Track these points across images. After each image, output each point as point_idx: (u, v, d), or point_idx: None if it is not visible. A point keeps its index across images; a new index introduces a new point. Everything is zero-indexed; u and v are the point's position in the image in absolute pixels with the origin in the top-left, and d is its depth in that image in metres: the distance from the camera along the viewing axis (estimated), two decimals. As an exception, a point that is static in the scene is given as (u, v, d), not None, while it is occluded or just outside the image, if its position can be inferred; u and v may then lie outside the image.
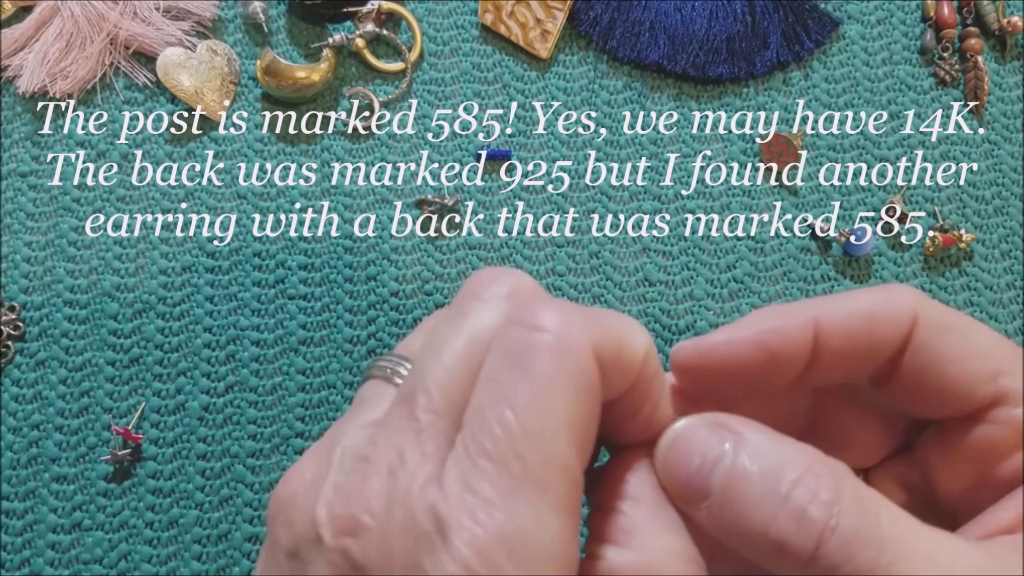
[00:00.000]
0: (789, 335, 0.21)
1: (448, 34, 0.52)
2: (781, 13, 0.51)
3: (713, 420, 0.21)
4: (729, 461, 0.19)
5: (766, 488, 0.19)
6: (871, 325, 0.22)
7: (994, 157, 0.51)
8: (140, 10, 0.51)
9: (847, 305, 0.22)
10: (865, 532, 0.18)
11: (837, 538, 0.18)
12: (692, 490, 0.20)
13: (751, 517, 0.19)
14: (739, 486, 0.19)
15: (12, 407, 0.46)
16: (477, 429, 0.18)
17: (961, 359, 0.22)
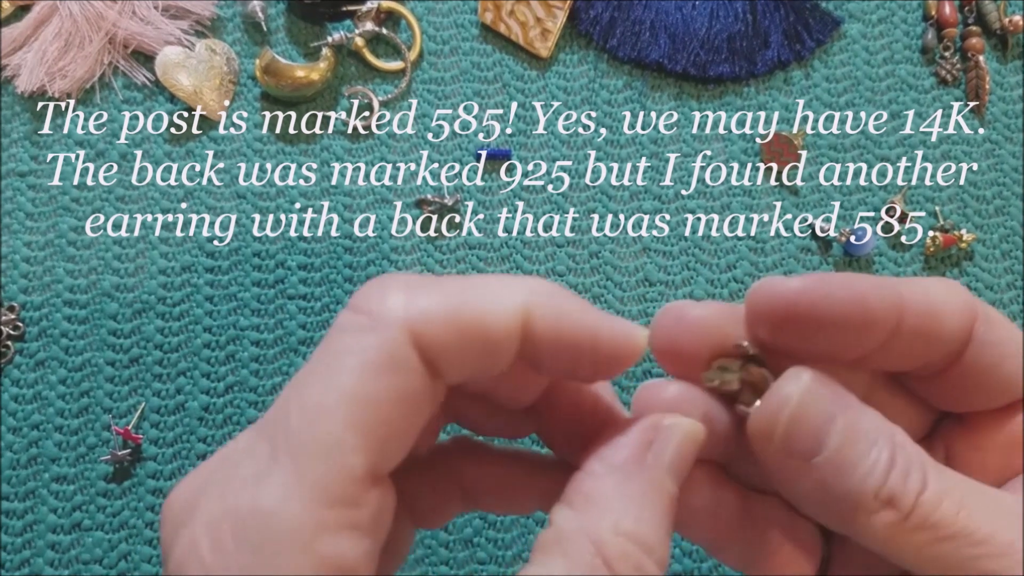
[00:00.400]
0: (885, 301, 0.21)
1: (448, 33, 0.52)
2: (782, 12, 0.51)
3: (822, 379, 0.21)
4: (843, 424, 0.20)
5: (875, 453, 0.20)
6: (946, 311, 0.22)
7: (995, 157, 0.51)
8: (139, 9, 0.50)
9: (925, 288, 0.22)
10: (947, 485, 0.20)
11: (928, 495, 0.20)
12: (807, 448, 0.21)
13: (865, 476, 0.20)
14: (853, 449, 0.20)
15: (12, 407, 0.46)
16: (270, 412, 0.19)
17: (1012, 354, 0.22)
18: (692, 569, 0.44)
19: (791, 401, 0.21)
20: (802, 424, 0.21)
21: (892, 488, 0.20)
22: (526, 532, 0.44)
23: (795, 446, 0.21)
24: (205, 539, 0.18)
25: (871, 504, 0.20)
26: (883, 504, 0.20)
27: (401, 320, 0.19)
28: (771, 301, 0.21)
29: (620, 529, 0.19)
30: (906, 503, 0.20)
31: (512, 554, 0.44)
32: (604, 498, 0.20)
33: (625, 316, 0.48)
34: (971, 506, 0.20)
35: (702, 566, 0.44)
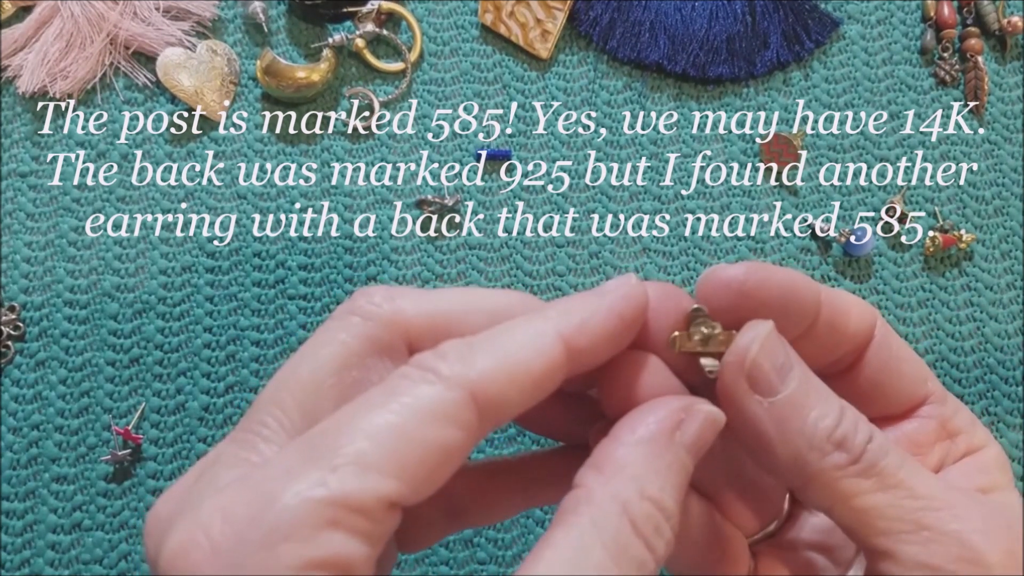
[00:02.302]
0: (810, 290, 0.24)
1: (448, 34, 0.52)
2: (781, 13, 0.51)
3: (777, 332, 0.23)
4: (801, 374, 0.23)
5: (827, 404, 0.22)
6: (852, 310, 0.25)
7: (994, 157, 0.51)
8: (140, 10, 0.51)
9: (834, 291, 0.25)
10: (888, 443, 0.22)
11: (875, 444, 0.22)
12: (769, 384, 0.22)
13: (818, 419, 0.22)
14: (809, 397, 0.22)
15: (12, 407, 0.46)
16: None
17: (909, 358, 0.26)
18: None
19: (759, 337, 0.23)
20: (767, 360, 0.22)
21: (844, 431, 0.22)
22: (526, 532, 0.44)
23: (760, 380, 0.22)
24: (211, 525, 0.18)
25: (824, 445, 0.22)
26: (835, 445, 0.22)
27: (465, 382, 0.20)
28: (717, 284, 0.23)
29: (646, 494, 0.20)
30: (856, 446, 0.22)
31: (512, 554, 0.44)
32: (633, 465, 0.21)
33: (625, 316, 0.48)
34: (911, 465, 0.22)
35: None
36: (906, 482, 0.22)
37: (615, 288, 0.22)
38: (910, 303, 0.49)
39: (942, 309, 0.48)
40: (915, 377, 0.26)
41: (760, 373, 0.22)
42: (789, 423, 0.22)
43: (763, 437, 0.23)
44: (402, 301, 0.22)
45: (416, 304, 0.23)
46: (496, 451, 0.45)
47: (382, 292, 0.23)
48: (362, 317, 0.22)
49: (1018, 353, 0.48)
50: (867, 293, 0.49)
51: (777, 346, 0.23)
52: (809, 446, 0.22)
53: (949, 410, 0.26)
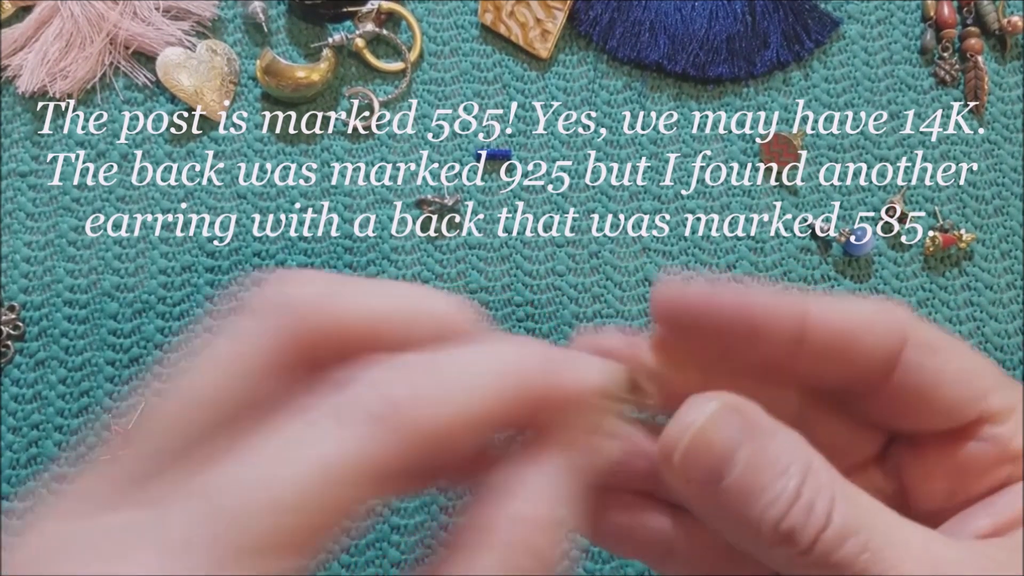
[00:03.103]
0: (777, 310, 0.21)
1: (448, 34, 0.52)
2: (781, 13, 0.51)
3: (733, 404, 0.21)
4: (748, 453, 0.20)
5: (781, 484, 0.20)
6: (860, 333, 0.22)
7: (994, 157, 0.51)
8: (140, 10, 0.51)
9: (840, 307, 0.22)
10: (855, 522, 0.20)
11: (830, 533, 0.19)
12: (706, 477, 0.20)
13: (765, 509, 0.20)
14: (757, 478, 0.20)
15: (12, 407, 0.46)
16: None
17: (952, 380, 0.22)
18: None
19: (691, 428, 0.20)
20: (702, 451, 0.20)
21: (792, 522, 0.20)
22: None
23: (694, 473, 0.20)
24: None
25: (771, 536, 0.20)
26: (782, 538, 0.20)
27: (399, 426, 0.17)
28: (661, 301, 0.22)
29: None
30: (805, 539, 0.19)
31: (512, 554, 0.44)
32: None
33: (625, 316, 0.48)
34: (878, 547, 0.20)
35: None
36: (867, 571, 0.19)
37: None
38: (910, 303, 0.49)
39: (942, 309, 0.48)
40: (961, 401, 0.22)
41: (694, 466, 0.20)
42: (732, 512, 0.20)
43: (709, 521, 0.21)
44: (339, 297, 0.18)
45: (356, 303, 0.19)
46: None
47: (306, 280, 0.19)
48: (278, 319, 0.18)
49: (1018, 353, 0.48)
50: (867, 293, 0.49)
51: (720, 430, 0.20)
52: (755, 536, 0.20)
53: (1010, 429, 0.23)
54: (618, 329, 0.23)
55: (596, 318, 0.48)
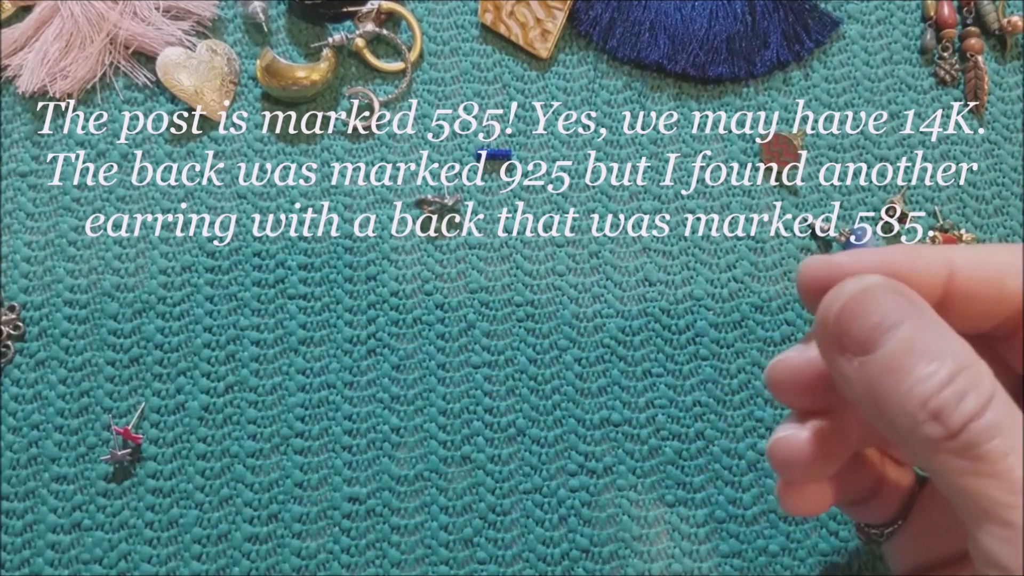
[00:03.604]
0: (923, 267, 0.21)
1: (448, 34, 0.52)
2: (781, 13, 0.51)
3: (896, 287, 0.21)
4: (907, 332, 0.20)
5: (934, 367, 0.20)
6: (1003, 276, 0.22)
7: (994, 157, 0.51)
8: (140, 10, 0.51)
9: (982, 254, 0.22)
10: (1011, 426, 0.19)
11: (983, 423, 0.19)
12: (859, 343, 0.21)
13: (915, 384, 0.20)
14: (911, 357, 0.20)
15: (12, 407, 0.46)
16: None
17: None
18: (692, 569, 0.44)
19: (843, 296, 0.21)
20: (853, 320, 0.21)
21: (943, 401, 0.20)
22: (526, 532, 0.44)
23: (847, 341, 0.21)
24: None
25: (918, 412, 0.20)
26: (930, 416, 0.20)
27: None
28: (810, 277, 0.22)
29: None
30: (954, 422, 0.19)
31: (512, 554, 0.44)
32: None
33: (625, 316, 0.48)
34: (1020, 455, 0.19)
35: (702, 566, 0.44)
36: (1008, 473, 0.19)
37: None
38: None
39: (942, 309, 0.49)
40: None
41: (845, 334, 0.21)
42: (881, 385, 0.20)
43: (856, 397, 0.21)
44: None
45: None
46: (496, 450, 0.45)
47: None
48: None
49: (1018, 353, 0.48)
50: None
51: (871, 303, 0.21)
52: (902, 411, 0.20)
53: None
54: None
55: (596, 318, 0.48)
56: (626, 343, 0.47)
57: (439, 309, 0.47)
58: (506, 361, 0.47)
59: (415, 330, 0.47)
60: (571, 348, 0.47)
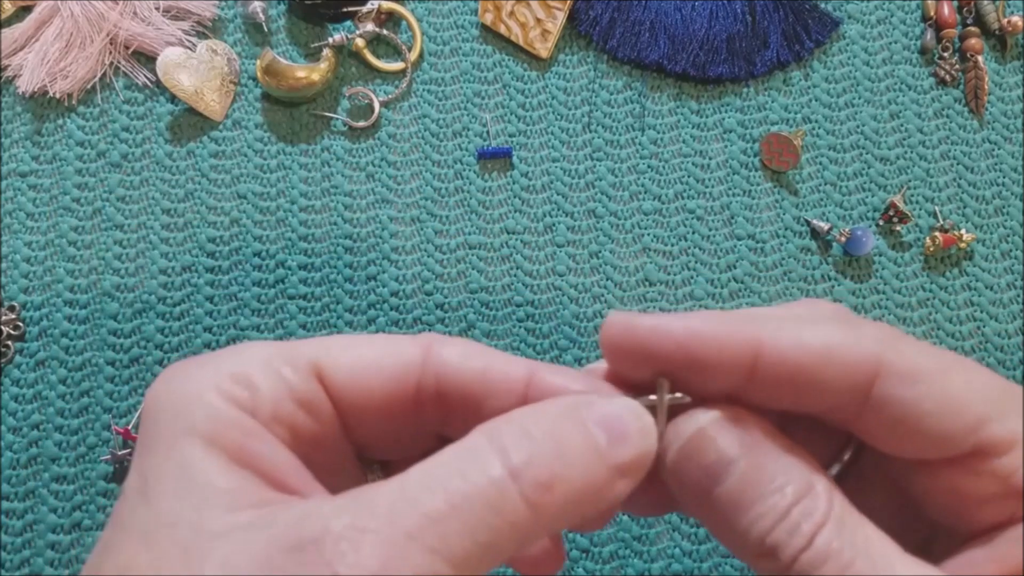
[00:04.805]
0: (723, 348, 0.21)
1: (448, 34, 0.52)
2: (781, 13, 0.51)
3: (730, 418, 0.21)
4: (744, 468, 0.20)
5: (773, 501, 0.20)
6: (818, 367, 0.21)
7: (994, 157, 0.51)
8: (140, 10, 0.50)
9: (798, 337, 0.21)
10: (840, 547, 0.20)
11: (811, 553, 0.20)
12: (697, 484, 0.21)
13: (753, 522, 0.20)
14: (748, 494, 0.20)
15: (12, 407, 0.46)
16: None
17: (936, 412, 0.20)
18: (692, 569, 0.44)
19: (679, 440, 0.21)
20: (690, 462, 0.21)
21: (776, 539, 0.20)
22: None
23: (687, 476, 0.21)
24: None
25: (755, 549, 0.20)
26: (765, 553, 0.20)
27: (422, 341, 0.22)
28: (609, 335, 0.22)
29: (516, 420, 0.20)
30: (786, 555, 0.20)
31: (512, 554, 0.44)
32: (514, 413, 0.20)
33: (625, 316, 0.48)
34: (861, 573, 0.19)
35: (702, 566, 0.44)
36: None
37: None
38: (910, 303, 0.49)
39: (942, 309, 0.48)
40: (949, 434, 0.20)
41: (684, 477, 0.21)
42: (723, 519, 0.21)
43: (704, 525, 0.22)
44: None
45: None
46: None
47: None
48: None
49: (1018, 353, 0.48)
50: (867, 293, 0.49)
51: (706, 443, 0.21)
52: (743, 546, 0.20)
53: (1012, 462, 0.20)
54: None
55: (596, 318, 0.48)
56: (626, 343, 0.47)
57: (439, 309, 0.47)
58: (506, 361, 0.47)
59: (415, 330, 0.47)
60: (571, 348, 0.47)
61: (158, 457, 0.20)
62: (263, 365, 0.21)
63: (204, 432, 0.20)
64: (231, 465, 0.19)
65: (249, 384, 0.21)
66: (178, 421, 0.20)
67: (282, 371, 0.21)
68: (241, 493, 0.19)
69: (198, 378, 0.21)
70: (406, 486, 0.18)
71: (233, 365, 0.21)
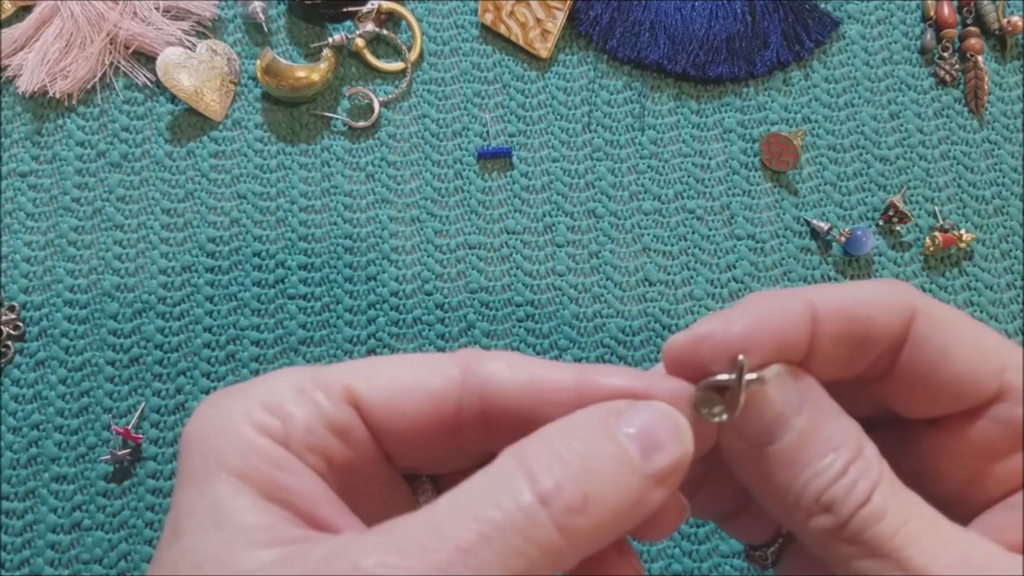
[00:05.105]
0: (787, 319, 0.21)
1: (448, 34, 0.52)
2: (781, 13, 0.51)
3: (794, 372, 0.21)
4: (803, 424, 0.21)
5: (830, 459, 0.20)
6: (869, 312, 0.21)
7: (994, 157, 0.51)
8: (140, 10, 0.50)
9: (845, 292, 0.22)
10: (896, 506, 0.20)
11: (869, 509, 0.20)
12: (757, 435, 0.21)
13: (810, 479, 0.20)
14: (808, 450, 0.20)
15: (12, 407, 0.46)
16: None
17: (965, 353, 0.22)
18: (692, 569, 0.44)
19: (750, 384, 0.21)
20: (755, 410, 0.21)
21: (835, 494, 0.20)
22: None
23: (747, 430, 0.21)
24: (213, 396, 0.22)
25: (811, 506, 0.20)
26: (823, 508, 0.20)
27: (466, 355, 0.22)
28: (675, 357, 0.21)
29: (546, 439, 0.19)
30: (844, 511, 0.20)
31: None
32: (544, 430, 0.20)
33: (625, 316, 0.48)
34: (914, 533, 0.20)
35: (702, 566, 0.44)
36: (898, 552, 0.20)
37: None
38: (910, 303, 0.48)
39: (942, 309, 0.48)
40: (975, 375, 0.22)
41: (747, 428, 0.21)
42: (777, 477, 0.21)
43: (750, 484, 0.22)
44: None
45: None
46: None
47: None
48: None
49: (1018, 353, 0.48)
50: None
51: (777, 393, 0.21)
52: (796, 504, 0.21)
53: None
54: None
55: (596, 318, 0.48)
56: (626, 343, 0.47)
57: (439, 309, 0.47)
58: (506, 361, 0.47)
59: (415, 330, 0.47)
60: (571, 348, 0.47)
61: (191, 493, 0.20)
62: (296, 392, 0.21)
63: (235, 467, 0.19)
64: (262, 501, 0.19)
65: (282, 413, 0.20)
66: (210, 456, 0.20)
67: (315, 398, 0.21)
68: (271, 530, 0.19)
69: (231, 410, 0.20)
70: (436, 518, 0.18)
71: (266, 394, 0.21)
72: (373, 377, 0.21)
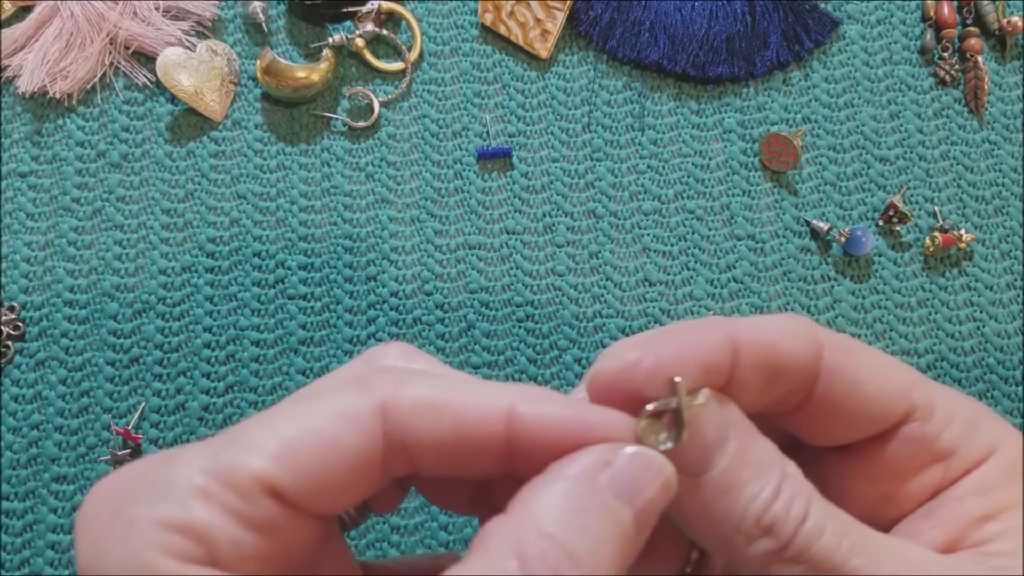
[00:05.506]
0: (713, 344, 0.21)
1: (448, 34, 0.52)
2: (781, 13, 0.51)
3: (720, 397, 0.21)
4: (735, 448, 0.20)
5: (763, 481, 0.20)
6: (786, 339, 0.21)
7: (994, 157, 0.51)
8: (140, 10, 0.51)
9: (760, 322, 0.22)
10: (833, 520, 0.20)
11: (809, 525, 0.20)
12: (699, 462, 0.20)
13: (749, 501, 0.20)
14: (741, 475, 0.20)
15: (12, 407, 0.46)
16: None
17: (875, 376, 0.22)
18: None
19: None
20: (693, 439, 0.20)
21: (774, 515, 0.20)
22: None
23: (683, 459, 0.20)
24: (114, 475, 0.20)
25: (752, 530, 0.20)
26: (763, 531, 0.20)
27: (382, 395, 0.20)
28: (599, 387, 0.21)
29: (544, 531, 0.18)
30: (786, 532, 0.20)
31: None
32: (539, 502, 0.19)
33: (625, 316, 0.48)
34: (856, 544, 0.20)
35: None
36: (844, 565, 0.19)
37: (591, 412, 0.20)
38: (910, 303, 0.49)
39: (942, 309, 0.48)
40: (886, 398, 0.22)
41: (685, 452, 0.20)
42: (715, 505, 0.20)
43: (687, 516, 0.21)
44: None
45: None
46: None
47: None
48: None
49: (1018, 353, 0.48)
50: (867, 293, 0.49)
51: (710, 420, 0.20)
52: (736, 530, 0.20)
53: (935, 427, 0.22)
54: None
55: (596, 318, 0.48)
56: (626, 343, 0.47)
57: (439, 309, 0.47)
58: (506, 361, 0.47)
59: (415, 330, 0.47)
60: (571, 348, 0.47)
61: None
62: (203, 499, 0.18)
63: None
64: None
65: (198, 532, 0.18)
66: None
67: (227, 500, 0.18)
68: None
69: (136, 543, 0.18)
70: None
71: (169, 509, 0.18)
72: (284, 456, 0.19)
